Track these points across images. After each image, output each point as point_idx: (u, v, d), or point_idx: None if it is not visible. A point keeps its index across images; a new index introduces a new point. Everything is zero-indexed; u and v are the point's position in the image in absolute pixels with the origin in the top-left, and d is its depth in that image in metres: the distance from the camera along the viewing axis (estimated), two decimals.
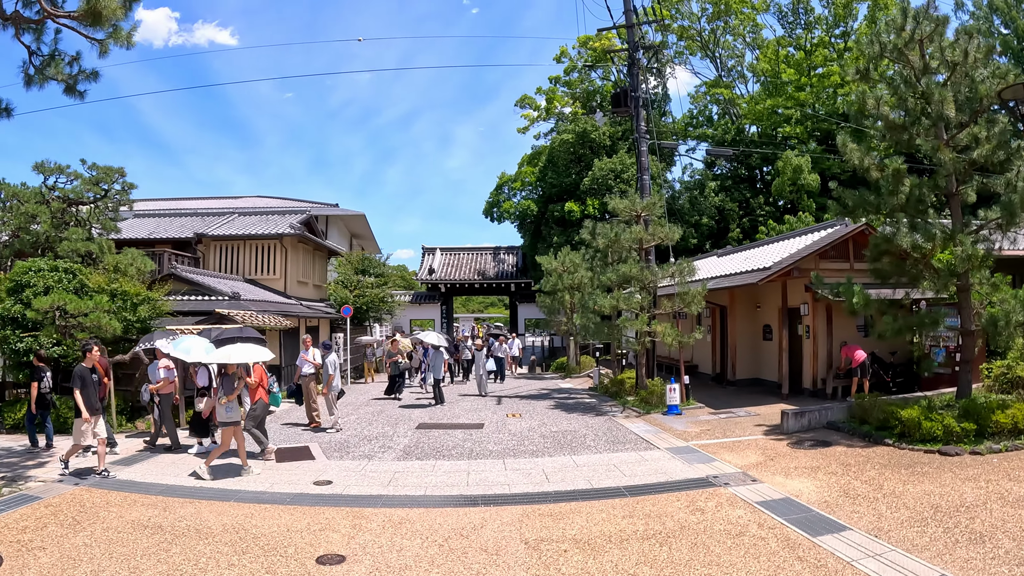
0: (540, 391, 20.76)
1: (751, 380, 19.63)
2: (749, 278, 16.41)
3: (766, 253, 18.75)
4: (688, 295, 15.46)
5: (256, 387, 10.87)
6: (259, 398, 10.98)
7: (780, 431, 12.28)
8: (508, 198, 34.93)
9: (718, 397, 17.34)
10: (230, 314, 17.67)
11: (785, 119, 32.61)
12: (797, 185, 29.80)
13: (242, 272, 25.15)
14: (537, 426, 13.96)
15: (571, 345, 27.26)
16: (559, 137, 31.95)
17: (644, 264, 16.09)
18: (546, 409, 16.52)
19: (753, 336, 19.88)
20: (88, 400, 9.76)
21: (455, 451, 11.64)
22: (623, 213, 16.50)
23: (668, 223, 16.41)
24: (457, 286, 37.35)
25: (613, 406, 16.78)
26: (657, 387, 15.70)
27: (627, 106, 18.53)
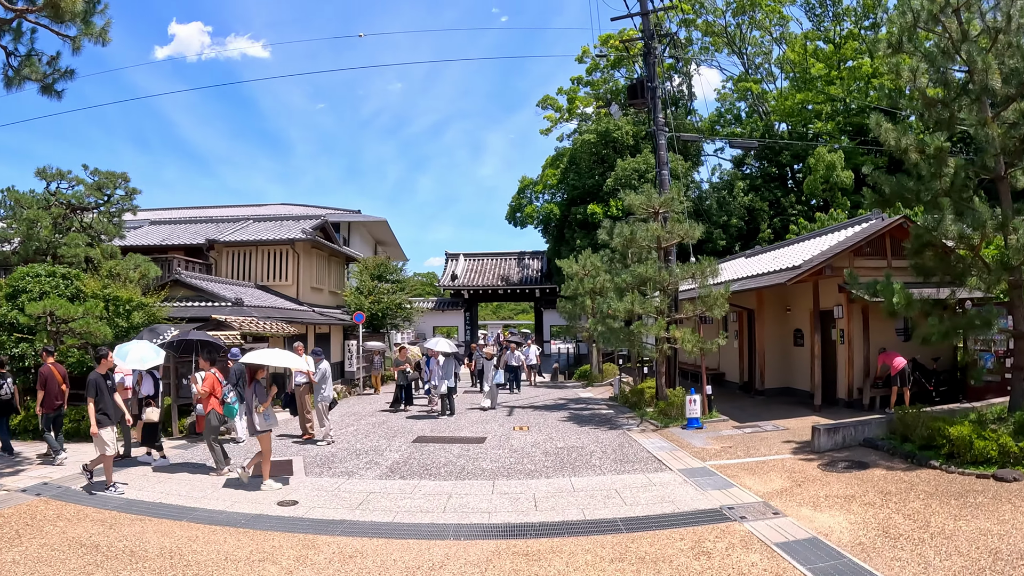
0: (557, 401, 19.49)
1: (781, 389, 18.10)
2: (777, 278, 14.95)
3: (796, 252, 17.25)
4: (710, 297, 14.08)
5: (208, 396, 10.05)
6: (211, 408, 10.10)
7: (811, 449, 10.84)
8: (530, 202, 33.74)
9: (744, 408, 15.88)
10: (227, 320, 16.86)
11: (816, 114, 30.92)
12: (830, 183, 28.10)
13: (254, 278, 24.43)
14: (542, 441, 12.71)
15: (593, 352, 25.91)
16: (581, 137, 30.68)
17: (662, 264, 14.75)
18: (557, 421, 15.26)
19: (783, 342, 18.35)
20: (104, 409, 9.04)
21: (444, 469, 10.46)
22: (639, 210, 15.19)
23: (689, 220, 15.02)
24: (480, 292, 36.25)
25: (630, 418, 15.44)
26: (677, 398, 14.33)
27: (643, 97, 17.25)
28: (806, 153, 30.26)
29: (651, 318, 14.82)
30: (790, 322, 18.29)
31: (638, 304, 13.91)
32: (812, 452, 10.67)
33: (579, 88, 34.22)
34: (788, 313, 18.44)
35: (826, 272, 14.40)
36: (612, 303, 14.50)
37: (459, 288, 35.65)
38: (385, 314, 26.17)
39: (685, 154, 30.25)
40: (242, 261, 24.71)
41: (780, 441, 11.76)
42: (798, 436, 12.03)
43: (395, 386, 18.07)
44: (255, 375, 9.59)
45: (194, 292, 19.95)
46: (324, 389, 13.44)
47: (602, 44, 32.12)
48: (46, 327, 13.94)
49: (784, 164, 32.42)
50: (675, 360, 16.07)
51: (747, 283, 16.59)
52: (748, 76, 35.09)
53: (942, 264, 10.60)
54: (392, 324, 27.12)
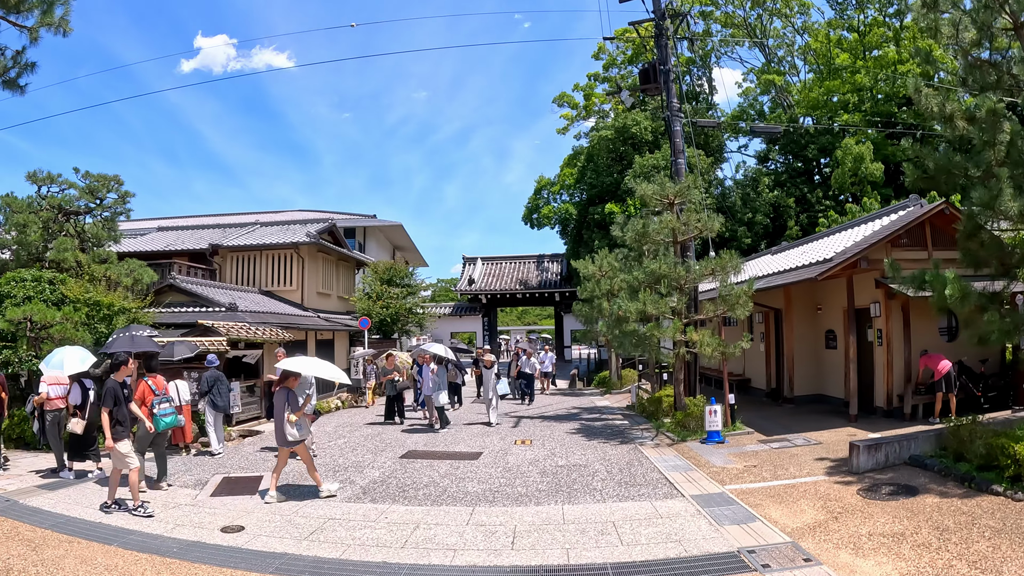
0: (569, 411, 18.01)
1: (812, 396, 16.42)
2: (806, 273, 13.34)
3: (826, 245, 15.58)
4: (732, 296, 12.53)
5: (140, 406, 9.01)
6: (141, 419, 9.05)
7: (848, 469, 9.24)
8: (547, 202, 32.30)
9: (771, 418, 14.26)
10: (214, 326, 15.77)
11: (842, 105, 29.13)
12: (859, 176, 26.34)
13: (258, 284, 23.38)
14: (543, 457, 11.26)
15: (612, 358, 24.37)
16: (598, 134, 29.18)
17: (678, 260, 13.22)
18: (566, 434, 13.79)
19: (814, 344, 16.67)
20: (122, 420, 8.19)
21: (423, 492, 9.09)
22: (652, 201, 13.69)
23: (707, 211, 13.47)
24: (498, 297, 34.88)
25: (645, 430, 13.93)
26: (697, 408, 12.79)
27: (656, 82, 15.74)
28: (833, 147, 28.56)
29: (667, 320, 13.31)
30: (821, 322, 16.62)
31: (651, 303, 12.39)
32: (850, 473, 9.08)
33: (596, 84, 32.74)
34: (819, 312, 16.78)
35: (861, 265, 12.78)
36: (623, 303, 13.01)
37: (476, 293, 34.34)
38: (395, 319, 24.92)
39: (706, 149, 28.58)
40: (246, 266, 23.67)
41: (812, 458, 10.16)
42: (833, 452, 10.44)
43: (385, 398, 16.54)
44: (285, 382, 8.89)
45: (189, 297, 19.01)
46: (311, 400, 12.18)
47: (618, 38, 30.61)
48: (26, 333, 13.34)
49: (810, 158, 30.62)
50: (695, 366, 14.51)
51: (773, 280, 14.98)
52: (770, 67, 33.30)
53: (998, 251, 8.98)
54: (404, 330, 25.85)
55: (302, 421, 8.77)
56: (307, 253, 23.31)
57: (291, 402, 8.70)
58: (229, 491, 9.36)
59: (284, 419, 8.60)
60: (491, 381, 15.76)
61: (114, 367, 8.59)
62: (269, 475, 9.91)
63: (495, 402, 15.71)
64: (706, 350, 11.92)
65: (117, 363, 8.56)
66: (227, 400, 12.87)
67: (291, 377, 8.95)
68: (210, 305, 18.42)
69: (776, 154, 32.65)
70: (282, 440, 8.69)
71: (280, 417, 8.67)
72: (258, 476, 10.21)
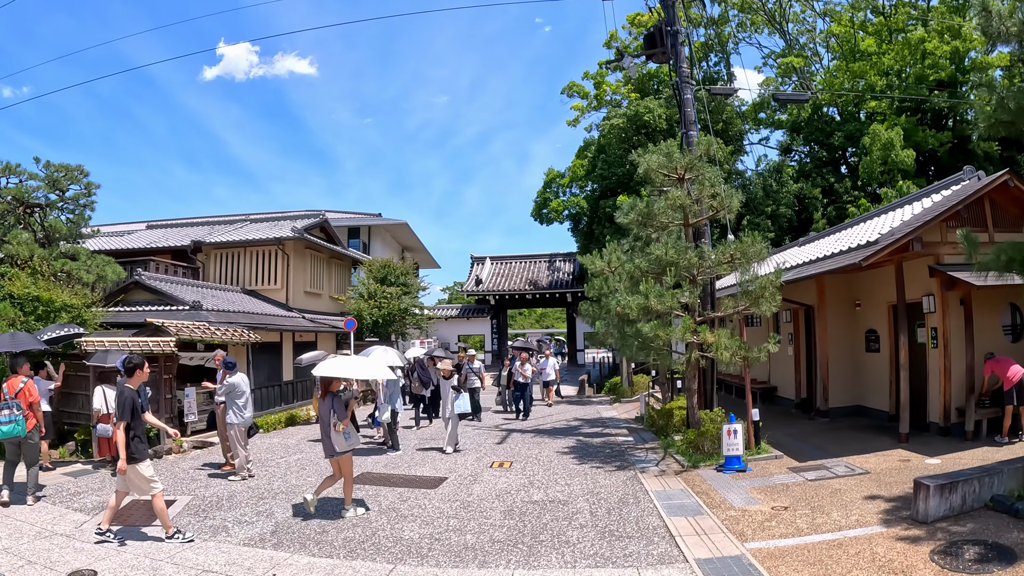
0: (569, 423, 15.51)
1: (850, 409, 13.77)
2: (847, 259, 10.70)
3: (863, 232, 12.92)
4: (756, 289, 9.96)
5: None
6: None
7: (911, 515, 6.66)
8: (557, 196, 29.76)
9: (803, 437, 11.64)
10: (164, 325, 13.65)
11: (868, 88, 26.39)
12: (888, 163, 23.62)
13: (242, 282, 21.26)
14: (517, 488, 8.82)
15: (623, 362, 21.78)
16: (609, 122, 26.62)
17: (690, 245, 10.67)
18: (555, 454, 11.32)
19: (852, 346, 14.00)
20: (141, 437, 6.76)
21: (346, 535, 6.79)
22: (657, 176, 11.16)
23: (725, 187, 10.90)
24: (507, 297, 32.42)
25: (651, 450, 11.42)
26: (713, 425, 10.25)
27: (663, 45, 13.24)
28: (860, 133, 25.84)
29: (677, 317, 10.77)
30: (861, 321, 13.96)
31: (655, 297, 9.85)
32: (915, 522, 6.50)
33: (607, 72, 30.09)
34: (858, 309, 14.11)
35: (913, 248, 10.16)
36: (622, 298, 10.49)
37: (483, 293, 31.92)
38: (389, 321, 22.62)
39: (725, 138, 25.88)
40: (230, 264, 21.58)
41: (860, 496, 7.58)
42: (886, 486, 7.87)
43: None
44: (329, 388, 7.86)
45: (155, 296, 16.99)
46: (239, 411, 9.92)
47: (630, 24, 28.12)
48: None
49: (836, 147, 27.81)
50: (711, 372, 11.95)
51: (805, 270, 12.38)
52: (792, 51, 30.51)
53: None
54: (400, 332, 23.53)
55: (349, 429, 7.83)
56: (293, 250, 21.14)
57: (337, 409, 7.69)
58: (126, 519, 7.60)
59: (331, 428, 7.66)
60: (447, 395, 12.09)
61: (128, 371, 6.98)
62: (184, 499, 8.11)
63: (451, 425, 11.99)
64: (724, 354, 9.35)
65: (131, 366, 6.96)
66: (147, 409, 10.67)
67: (333, 382, 7.90)
68: (174, 303, 16.43)
69: (799, 143, 29.92)
70: (330, 450, 7.74)
71: (327, 426, 7.72)
72: (168, 500, 8.19)
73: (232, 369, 10.04)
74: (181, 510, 7.99)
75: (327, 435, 7.75)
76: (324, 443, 7.88)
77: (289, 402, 17.50)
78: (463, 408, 11.80)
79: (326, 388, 7.88)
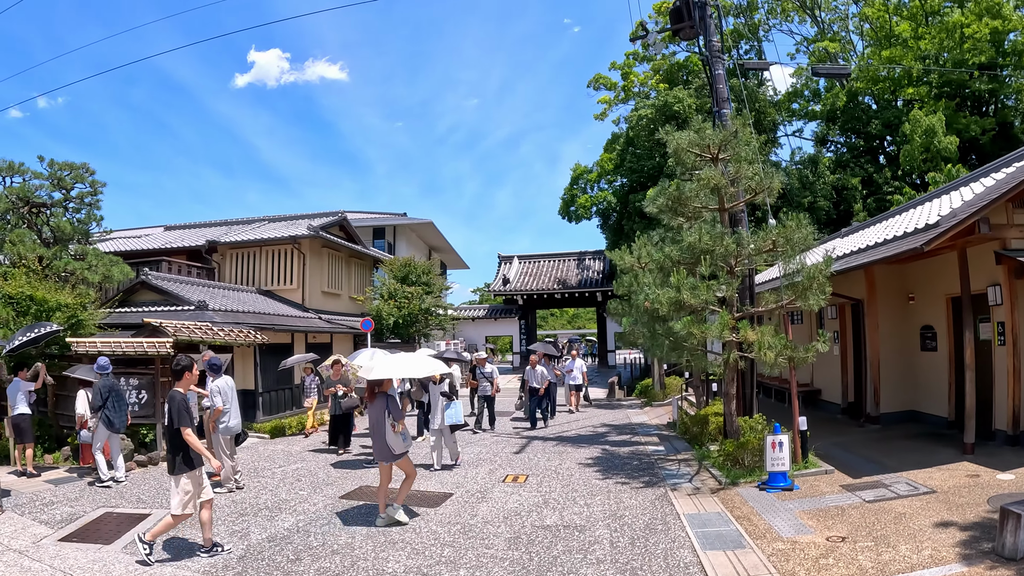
0: (596, 430, 14.24)
1: (903, 414, 12.28)
2: (906, 244, 9.22)
3: (913, 218, 11.41)
4: (804, 280, 8.61)
5: None
6: None
7: (992, 548, 5.32)
8: (585, 192, 28.41)
9: (853, 447, 10.24)
10: (162, 325, 12.82)
11: (905, 75, 24.66)
12: (931, 151, 21.90)
13: (258, 283, 20.45)
14: (529, 508, 7.63)
15: (655, 363, 20.39)
16: (637, 113, 25.19)
17: (726, 231, 9.35)
18: (578, 466, 10.09)
19: (905, 344, 12.50)
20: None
21: (320, 565, 5.72)
22: (687, 156, 9.86)
23: (764, 166, 9.56)
24: (535, 297, 31.21)
25: (684, 462, 10.12)
26: (754, 435, 8.93)
27: (690, 19, 11.90)
28: (899, 121, 24.13)
29: (712, 313, 9.45)
30: (915, 316, 12.46)
31: (688, 290, 8.56)
32: (1001, 559, 5.16)
33: (635, 63, 28.60)
34: (911, 303, 12.60)
35: (980, 230, 8.73)
36: (651, 291, 9.22)
37: (511, 293, 30.76)
38: (411, 321, 21.58)
39: (759, 128, 24.26)
40: (246, 264, 20.79)
41: (930, 523, 6.22)
42: (957, 509, 6.53)
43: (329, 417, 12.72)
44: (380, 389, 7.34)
45: (161, 296, 16.24)
46: (225, 417, 8.95)
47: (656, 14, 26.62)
48: None
49: (874, 135, 26.05)
50: (751, 375, 10.61)
51: (854, 260, 10.94)
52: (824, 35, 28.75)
53: None
54: (422, 333, 22.49)
55: (406, 431, 7.32)
56: (309, 249, 20.24)
57: (392, 409, 7.17)
58: (90, 535, 6.98)
59: (387, 430, 7.08)
60: (438, 405, 10.24)
61: (176, 374, 6.26)
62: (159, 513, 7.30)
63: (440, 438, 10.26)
64: (767, 355, 8.02)
65: (179, 368, 6.24)
66: (124, 416, 9.76)
67: (384, 382, 7.36)
68: (180, 303, 15.64)
69: (835, 133, 28.17)
70: (386, 454, 7.14)
71: (380, 428, 7.12)
72: (144, 514, 7.54)
73: (217, 372, 9.05)
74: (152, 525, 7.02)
75: (382, 438, 7.09)
76: (377, 447, 7.21)
77: (300, 406, 16.56)
78: (455, 419, 9.93)
79: (372, 392, 7.27)
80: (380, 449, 7.18)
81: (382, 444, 7.11)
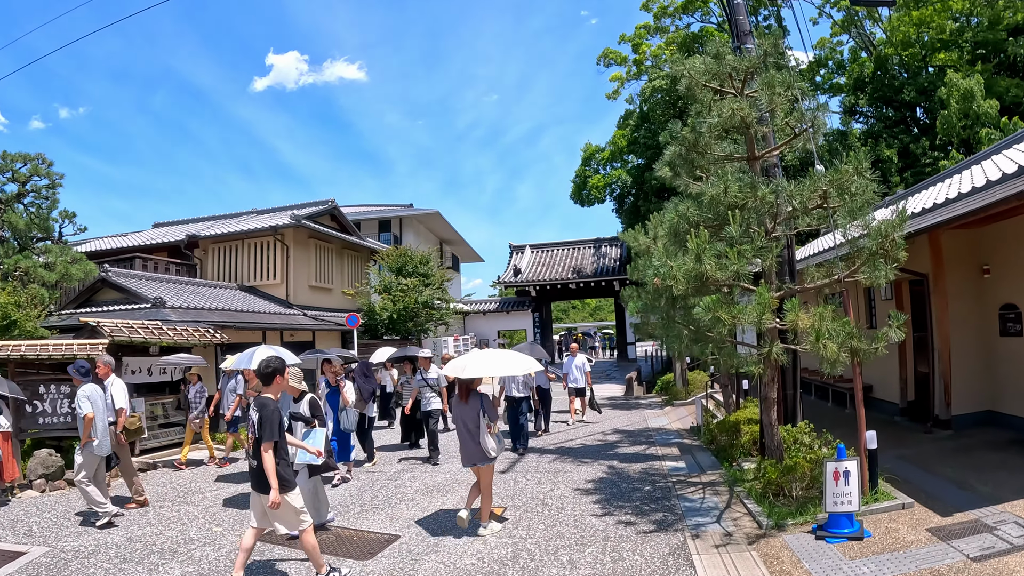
0: (605, 439, 11.80)
1: (980, 416, 9.68)
2: (1001, 192, 6.65)
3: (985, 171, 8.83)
4: (869, 244, 6.12)
5: None
6: None
7: None
8: (597, 173, 25.85)
9: (925, 462, 7.72)
10: (99, 325, 10.80)
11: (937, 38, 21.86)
12: (970, 116, 19.16)
13: (240, 278, 18.40)
14: (491, 566, 5.31)
15: (676, 357, 17.87)
16: (651, 84, 22.61)
17: (761, 179, 6.85)
18: (573, 493, 7.70)
19: (981, 328, 9.88)
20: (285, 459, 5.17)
21: None
22: (703, 93, 7.38)
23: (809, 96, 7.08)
24: (548, 288, 28.79)
25: (710, 486, 7.67)
26: (800, 447, 6.47)
27: None
28: (934, 86, 21.34)
29: (743, 292, 6.97)
30: (992, 293, 9.82)
31: (711, 259, 6.12)
32: None
33: (646, 35, 25.87)
34: (986, 278, 9.96)
35: None
36: (662, 262, 6.77)
37: (523, 284, 28.40)
38: (408, 316, 19.34)
39: None
40: (228, 259, 18.77)
41: None
42: None
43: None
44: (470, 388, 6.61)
45: (121, 293, 14.30)
46: (95, 432, 6.82)
47: None
48: None
49: (906, 103, 23.20)
50: (794, 371, 8.15)
51: (924, 220, 8.37)
52: None
53: None
54: (421, 328, 20.22)
55: (499, 434, 6.72)
56: (293, 240, 18.11)
57: (488, 410, 6.55)
58: None
59: (483, 432, 6.43)
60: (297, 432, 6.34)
61: (264, 378, 5.22)
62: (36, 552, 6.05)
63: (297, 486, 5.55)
64: (829, 347, 5.53)
65: (268, 371, 5.21)
66: None
67: (475, 380, 6.67)
68: (139, 301, 13.65)
69: (864, 103, 25.31)
70: (479, 457, 6.47)
71: (475, 430, 6.44)
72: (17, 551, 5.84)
73: (86, 376, 6.89)
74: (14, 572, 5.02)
75: (474, 440, 6.42)
76: (469, 451, 6.48)
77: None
78: (308, 458, 6.10)
79: (465, 390, 6.57)
80: (473, 452, 6.48)
81: (475, 447, 6.43)
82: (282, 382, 5.31)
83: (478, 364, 6.64)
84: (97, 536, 6.60)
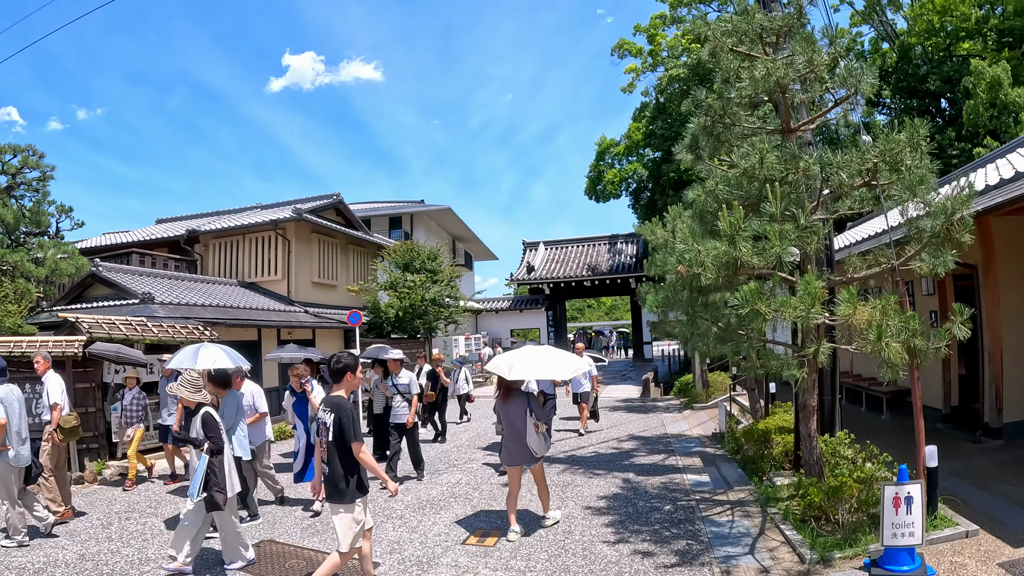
0: (622, 443, 10.87)
1: None
2: None
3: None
4: (933, 223, 5.15)
5: None
6: None
7: None
8: (612, 167, 24.83)
9: (982, 478, 6.72)
10: (78, 321, 10.06)
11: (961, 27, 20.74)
12: (997, 105, 18.05)
13: (241, 274, 17.67)
14: None
15: (695, 357, 16.85)
16: (668, 74, 21.57)
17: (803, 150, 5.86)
18: (582, 513, 6.78)
19: None
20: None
21: None
22: (729, 59, 6.41)
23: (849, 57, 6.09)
24: (562, 285, 27.84)
25: (739, 506, 6.71)
26: (854, 478, 5.49)
27: None
28: (959, 75, 20.22)
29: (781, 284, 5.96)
30: None
31: (746, 241, 5.15)
32: None
33: (661, 25, 24.73)
34: None
35: None
36: (683, 245, 5.80)
37: (536, 282, 27.48)
38: (415, 314, 18.48)
39: None
40: (229, 255, 18.03)
41: None
42: None
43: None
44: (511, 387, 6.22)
45: (111, 289, 13.63)
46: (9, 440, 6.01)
47: None
48: None
49: (931, 93, 22.03)
50: (833, 373, 7.17)
51: (986, 199, 7.34)
52: None
53: None
54: (430, 326, 19.35)
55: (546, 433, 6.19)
56: (295, 235, 17.32)
57: (535, 408, 6.11)
58: None
59: (530, 430, 6.00)
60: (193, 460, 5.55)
61: (334, 375, 4.67)
62: None
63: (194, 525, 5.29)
64: (891, 346, 4.55)
65: (338, 367, 4.64)
66: None
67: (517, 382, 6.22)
68: (128, 297, 12.97)
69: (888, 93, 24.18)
70: (526, 457, 6.10)
71: (522, 429, 6.01)
72: None
73: (1, 376, 6.09)
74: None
75: (520, 441, 6.10)
76: (514, 451, 6.16)
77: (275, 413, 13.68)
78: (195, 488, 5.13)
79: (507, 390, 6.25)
80: (519, 453, 6.15)
81: (521, 446, 6.12)
82: (353, 380, 4.72)
83: (526, 365, 6.07)
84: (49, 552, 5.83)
